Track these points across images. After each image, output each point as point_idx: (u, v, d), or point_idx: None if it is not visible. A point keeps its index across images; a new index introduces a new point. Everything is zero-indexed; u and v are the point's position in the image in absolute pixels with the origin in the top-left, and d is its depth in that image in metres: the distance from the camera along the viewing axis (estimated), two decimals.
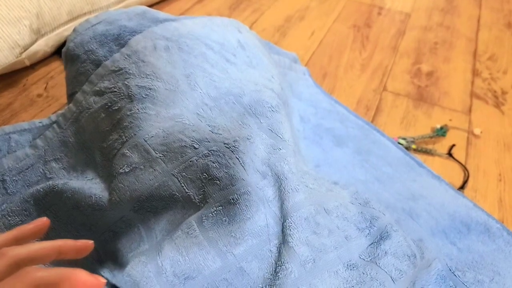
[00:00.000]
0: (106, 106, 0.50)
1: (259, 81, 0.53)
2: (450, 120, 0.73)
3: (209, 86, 0.50)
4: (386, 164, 0.61)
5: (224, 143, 0.43)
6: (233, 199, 0.40)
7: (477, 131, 0.70)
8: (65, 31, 0.81)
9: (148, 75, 0.50)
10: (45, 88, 0.75)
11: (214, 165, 0.42)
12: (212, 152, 0.42)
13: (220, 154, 0.42)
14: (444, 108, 0.75)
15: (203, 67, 0.51)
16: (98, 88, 0.52)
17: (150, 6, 1.00)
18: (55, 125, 0.55)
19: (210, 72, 0.51)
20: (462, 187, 0.60)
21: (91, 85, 0.53)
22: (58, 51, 0.82)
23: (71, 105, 0.55)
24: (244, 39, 0.58)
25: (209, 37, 0.55)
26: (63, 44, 0.78)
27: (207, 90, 0.50)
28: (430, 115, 0.74)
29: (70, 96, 0.56)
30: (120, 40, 0.54)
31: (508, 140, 0.70)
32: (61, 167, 0.52)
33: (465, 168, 0.63)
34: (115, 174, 0.44)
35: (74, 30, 0.57)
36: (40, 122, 0.57)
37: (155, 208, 0.43)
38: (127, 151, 0.45)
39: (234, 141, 0.43)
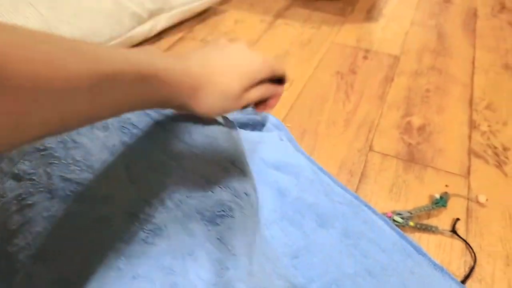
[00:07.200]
0: (20, 198, 0.40)
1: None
2: (447, 185, 0.63)
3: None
4: (379, 250, 0.51)
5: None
6: None
7: (482, 198, 0.60)
8: None
9: (77, 161, 0.40)
10: None
11: None
12: None
13: None
14: (439, 171, 0.66)
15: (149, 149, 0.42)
16: (17, 171, 0.42)
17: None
18: None
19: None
20: (467, 277, 0.50)
21: (10, 164, 0.43)
22: None
23: None
24: None
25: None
26: None
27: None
28: (423, 180, 0.64)
29: None
30: None
31: None
32: None
33: (472, 251, 0.53)
34: None
35: None
36: None
37: None
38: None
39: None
